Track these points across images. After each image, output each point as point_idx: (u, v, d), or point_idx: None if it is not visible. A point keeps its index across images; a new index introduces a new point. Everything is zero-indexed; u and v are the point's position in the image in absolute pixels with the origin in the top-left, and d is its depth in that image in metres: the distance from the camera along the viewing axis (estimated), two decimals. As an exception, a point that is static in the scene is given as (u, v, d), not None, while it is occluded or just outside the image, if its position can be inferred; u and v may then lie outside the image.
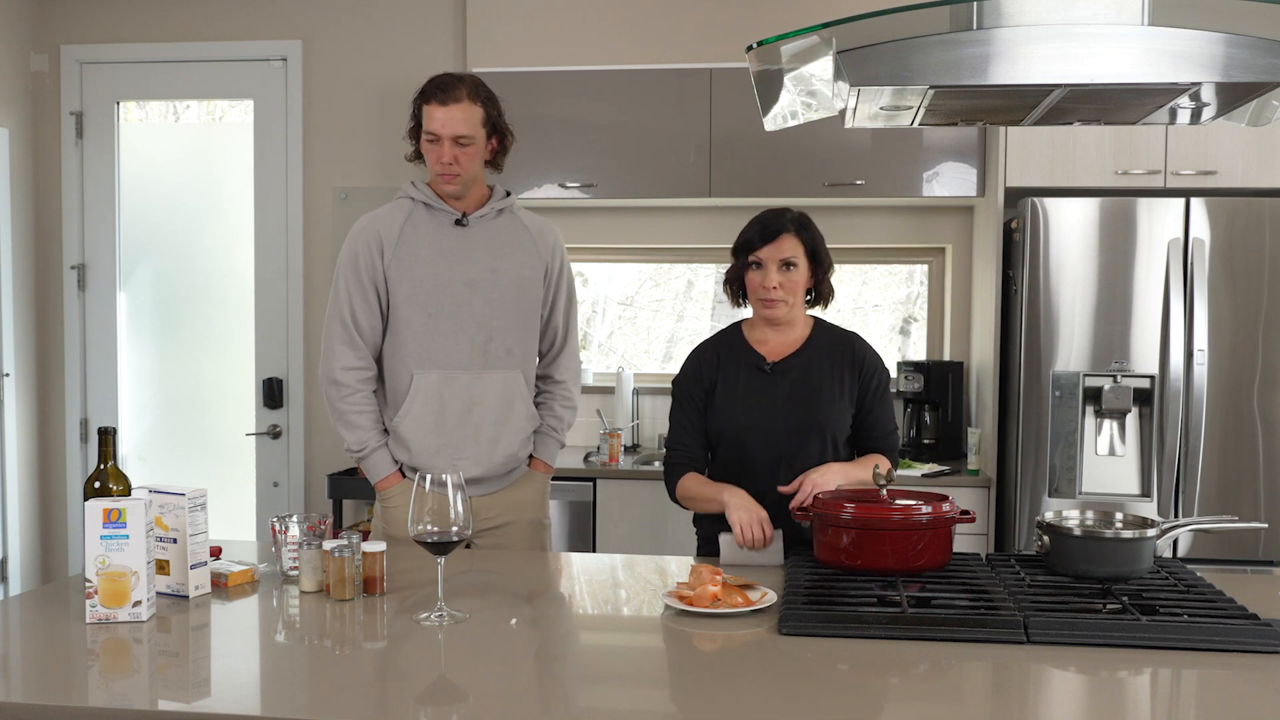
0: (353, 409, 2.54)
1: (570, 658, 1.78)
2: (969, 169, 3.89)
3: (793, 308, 2.43)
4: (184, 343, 4.55)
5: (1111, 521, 2.10)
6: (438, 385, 2.54)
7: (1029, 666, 1.66)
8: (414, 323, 2.53)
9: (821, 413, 2.40)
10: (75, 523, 4.52)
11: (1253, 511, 3.41)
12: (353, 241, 2.57)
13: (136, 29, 4.45)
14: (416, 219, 2.57)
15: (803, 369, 2.44)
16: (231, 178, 4.49)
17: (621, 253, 4.58)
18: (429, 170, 2.57)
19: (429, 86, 2.52)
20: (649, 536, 3.77)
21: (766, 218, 2.43)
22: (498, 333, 2.58)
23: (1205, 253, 3.39)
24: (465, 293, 2.55)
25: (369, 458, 2.56)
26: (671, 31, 4.14)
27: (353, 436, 2.55)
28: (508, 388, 2.59)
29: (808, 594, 1.92)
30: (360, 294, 2.54)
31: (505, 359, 2.59)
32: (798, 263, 2.39)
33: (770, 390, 2.43)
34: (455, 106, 2.49)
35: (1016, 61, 1.91)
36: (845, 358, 2.45)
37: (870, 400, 2.45)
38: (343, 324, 2.54)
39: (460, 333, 2.55)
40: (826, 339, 2.48)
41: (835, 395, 2.42)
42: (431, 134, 2.50)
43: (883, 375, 2.48)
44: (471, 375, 2.56)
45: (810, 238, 2.43)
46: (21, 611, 1.94)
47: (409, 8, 4.35)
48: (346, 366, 2.54)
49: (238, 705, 1.49)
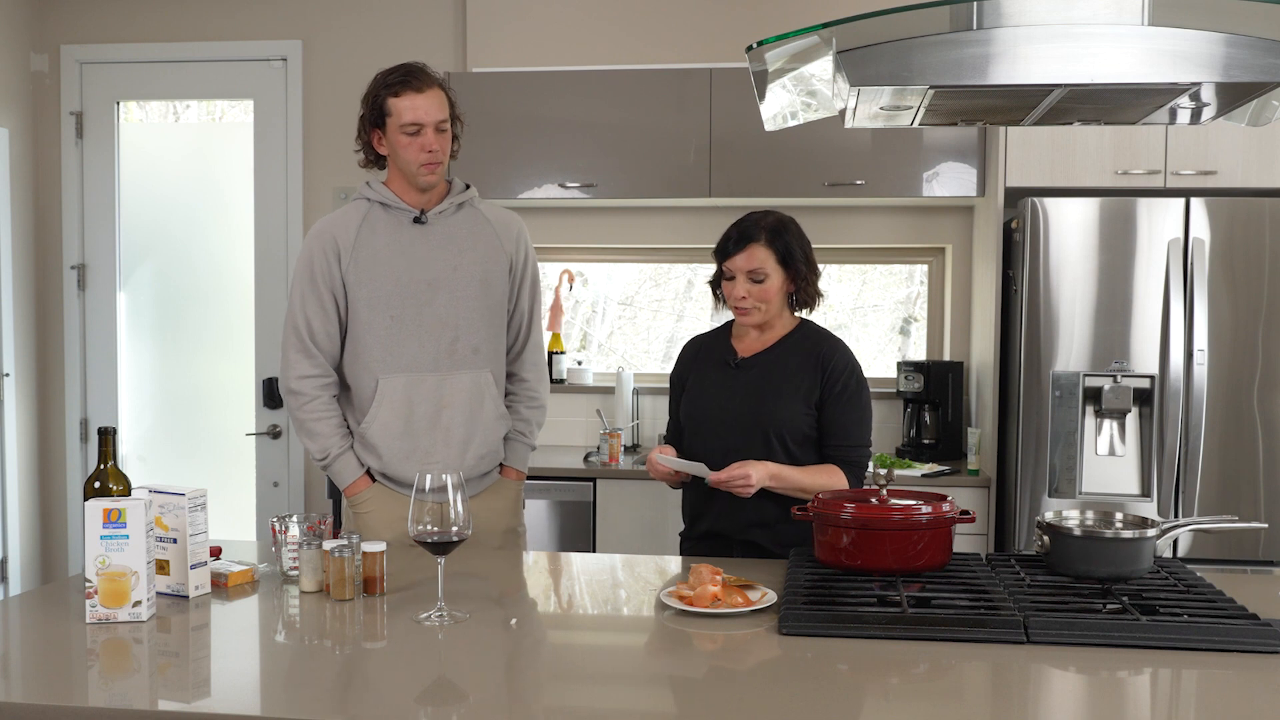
0: (312, 416, 2.50)
1: (570, 658, 1.78)
2: (969, 169, 3.89)
3: (766, 313, 2.43)
4: (184, 343, 4.55)
5: (1111, 521, 2.10)
6: (404, 389, 2.49)
7: (1029, 666, 1.66)
8: (376, 326, 2.48)
9: (769, 410, 2.39)
10: (75, 523, 4.52)
11: (1253, 511, 3.41)
12: (308, 247, 2.50)
13: (136, 29, 4.45)
14: (373, 219, 2.51)
15: (765, 366, 2.44)
16: (231, 178, 4.49)
17: (621, 253, 4.58)
18: (401, 166, 2.49)
19: (396, 77, 2.45)
20: (649, 536, 3.77)
21: (743, 223, 2.43)
22: (464, 332, 2.52)
23: (1205, 253, 3.39)
24: (427, 292, 2.49)
25: (333, 464, 2.52)
26: (671, 31, 4.14)
27: (315, 445, 2.51)
28: (477, 388, 2.54)
29: (808, 594, 1.92)
30: (316, 301, 2.48)
31: (473, 358, 2.54)
32: (767, 273, 2.40)
33: (730, 385, 2.45)
34: (431, 93, 2.45)
35: (1016, 61, 1.91)
36: (812, 358, 2.42)
37: (831, 405, 2.39)
38: (296, 332, 2.49)
39: (425, 334, 2.50)
40: (801, 339, 2.46)
41: (790, 394, 2.39)
42: (414, 124, 2.43)
43: (850, 381, 2.41)
44: (438, 377, 2.51)
45: (784, 244, 2.40)
46: (21, 611, 1.94)
47: (409, 8, 4.35)
48: (302, 375, 2.49)
49: (238, 705, 1.50)
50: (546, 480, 3.83)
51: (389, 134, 2.47)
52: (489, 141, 4.02)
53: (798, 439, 2.40)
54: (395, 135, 2.45)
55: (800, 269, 2.42)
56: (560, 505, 3.82)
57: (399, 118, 2.44)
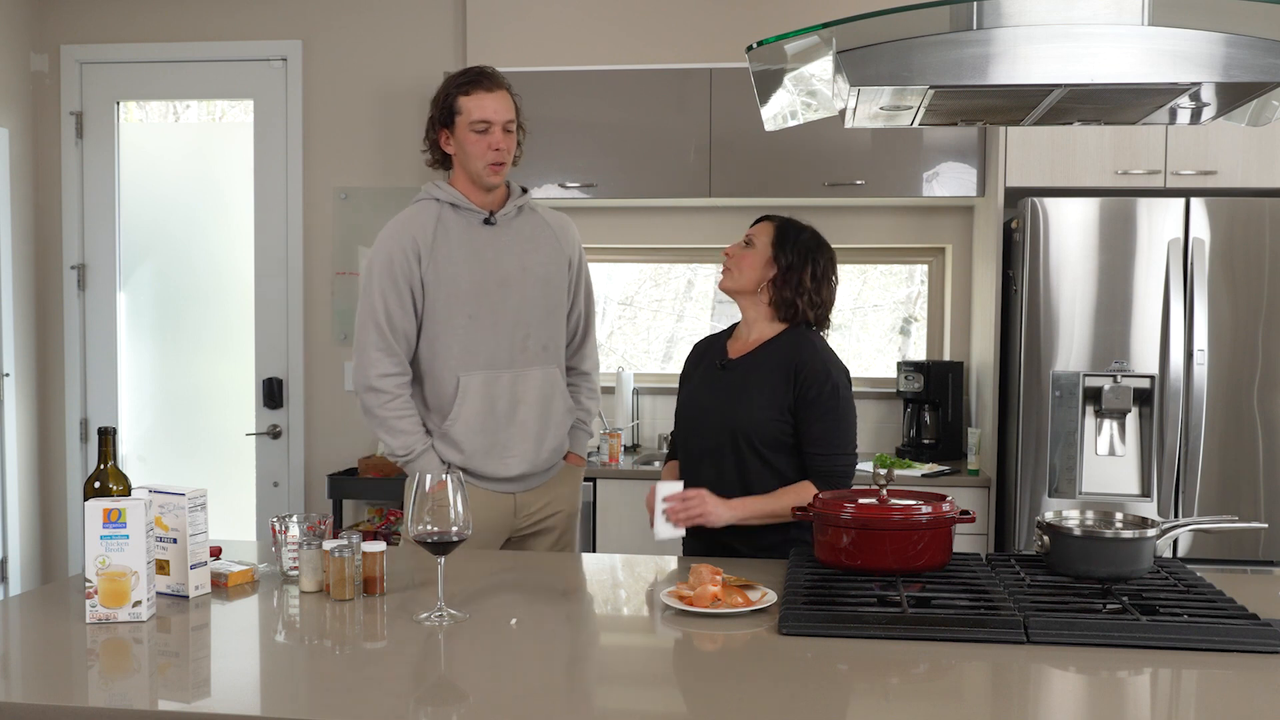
0: (394, 414, 2.53)
1: (570, 658, 1.78)
2: (969, 169, 3.89)
3: (736, 281, 2.45)
4: (184, 343, 4.55)
5: (1111, 521, 2.10)
6: (483, 386, 2.54)
7: (1029, 666, 1.66)
8: (455, 325, 2.53)
9: (738, 414, 2.38)
10: (75, 523, 4.51)
11: (1253, 511, 3.41)
12: (386, 245, 2.53)
13: (136, 29, 4.45)
14: (446, 221, 2.56)
15: (746, 370, 2.43)
16: (231, 178, 4.49)
17: (621, 253, 4.58)
18: (469, 164, 2.54)
19: (468, 77, 2.52)
20: (649, 536, 3.75)
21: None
22: (534, 330, 2.60)
23: (1205, 253, 3.39)
24: (500, 292, 2.55)
25: (417, 461, 2.54)
26: (671, 31, 4.14)
27: (398, 442, 2.54)
28: (548, 384, 2.62)
29: (808, 594, 1.92)
30: (396, 298, 2.52)
31: (542, 355, 2.62)
32: (755, 243, 2.45)
33: (715, 386, 2.47)
34: (500, 94, 2.53)
35: (1016, 61, 1.91)
36: (788, 362, 2.37)
37: (805, 411, 2.35)
38: (378, 330, 2.52)
39: (499, 332, 2.55)
40: (781, 344, 2.42)
41: (760, 398, 2.37)
42: (484, 121, 2.50)
43: (825, 387, 2.34)
44: (514, 374, 2.57)
45: (787, 235, 2.43)
46: (21, 611, 1.94)
47: (409, 8, 4.35)
48: (384, 373, 2.52)
49: (238, 705, 1.49)
50: (546, 480, 3.83)
51: (457, 132, 2.53)
52: (489, 141, 4.02)
53: (768, 443, 2.37)
54: (464, 134, 2.52)
55: (785, 266, 2.41)
56: (560, 505, 3.82)
57: (469, 115, 2.51)
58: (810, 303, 2.43)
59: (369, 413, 2.55)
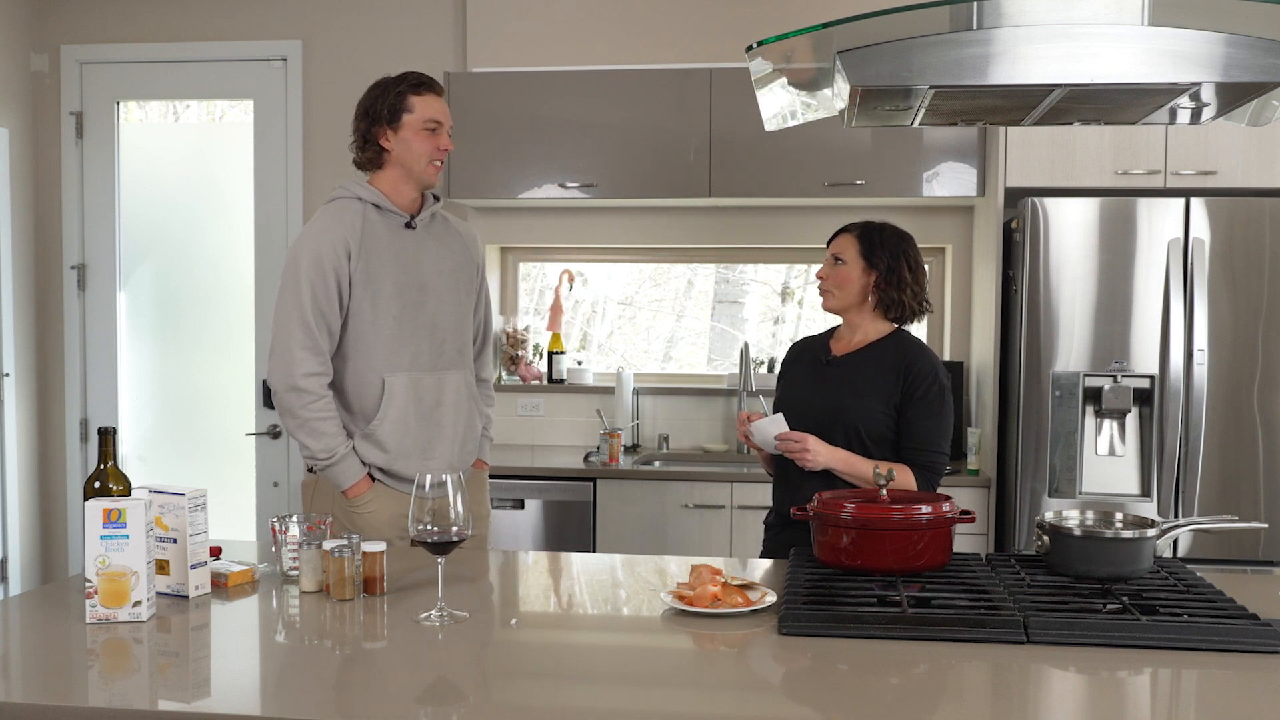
0: (317, 416, 2.49)
1: (570, 658, 1.78)
2: (969, 169, 3.89)
3: (841, 299, 2.55)
4: (184, 343, 4.55)
5: (1111, 521, 2.10)
6: (409, 387, 2.56)
7: (1029, 666, 1.66)
8: (381, 326, 2.53)
9: (850, 406, 2.48)
10: (75, 523, 4.51)
11: (1253, 511, 3.41)
12: (314, 241, 2.49)
13: (136, 29, 4.45)
14: (371, 221, 2.55)
15: (853, 366, 2.53)
16: (231, 178, 4.49)
17: (621, 253, 4.58)
18: (412, 162, 2.54)
19: (418, 78, 2.56)
20: (649, 536, 3.77)
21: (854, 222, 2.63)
22: (449, 334, 2.64)
23: (1205, 253, 3.39)
24: (419, 295, 2.58)
25: (338, 464, 2.51)
26: (671, 31, 4.14)
27: (319, 444, 2.49)
28: (464, 387, 2.68)
29: (808, 594, 1.92)
30: (325, 295, 2.48)
31: (458, 359, 2.67)
32: (847, 260, 2.54)
33: (820, 380, 2.56)
34: (443, 99, 2.60)
35: (1016, 61, 1.91)
36: (898, 362, 2.49)
37: (911, 409, 2.46)
38: (304, 327, 2.47)
39: (420, 335, 2.58)
40: (890, 345, 2.54)
41: (870, 394, 2.47)
42: (435, 121, 2.54)
43: (932, 388, 2.47)
44: (435, 376, 2.61)
45: (871, 241, 2.54)
46: (21, 611, 1.94)
47: (409, 8, 4.35)
48: (309, 372, 2.47)
49: (238, 705, 1.50)
50: (546, 480, 3.83)
51: (403, 129, 2.54)
52: (489, 141, 4.02)
53: (874, 437, 2.47)
54: (412, 131, 2.54)
55: (884, 269, 2.51)
56: (560, 505, 3.82)
57: (421, 114, 2.53)
58: (914, 295, 2.54)
59: (290, 413, 2.49)
